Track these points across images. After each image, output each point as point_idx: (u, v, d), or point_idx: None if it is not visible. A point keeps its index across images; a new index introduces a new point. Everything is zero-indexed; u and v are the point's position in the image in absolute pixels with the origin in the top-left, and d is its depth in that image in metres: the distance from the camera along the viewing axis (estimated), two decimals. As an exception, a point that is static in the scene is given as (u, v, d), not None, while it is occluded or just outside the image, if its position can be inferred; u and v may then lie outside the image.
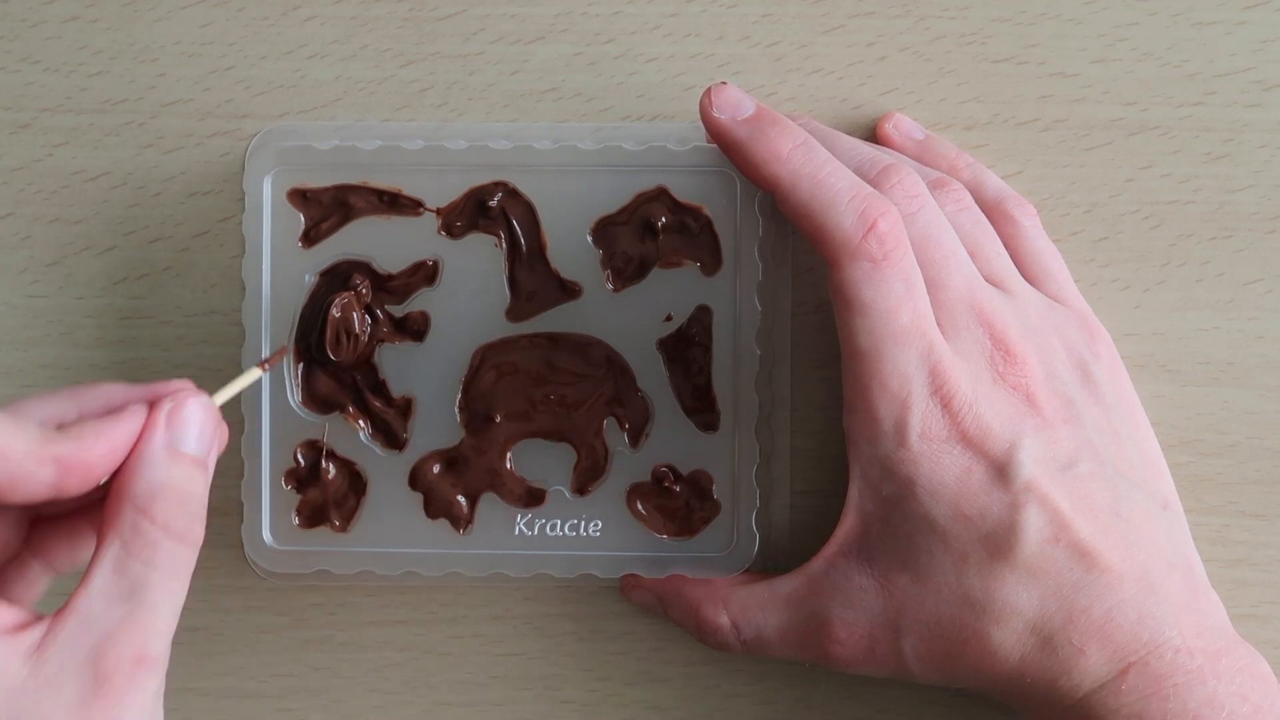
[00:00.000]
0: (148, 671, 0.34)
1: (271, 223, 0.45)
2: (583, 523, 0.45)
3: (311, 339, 0.45)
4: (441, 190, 0.45)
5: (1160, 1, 0.47)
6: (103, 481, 0.35)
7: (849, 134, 0.45)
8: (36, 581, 0.38)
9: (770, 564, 0.47)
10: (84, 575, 0.34)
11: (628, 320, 0.45)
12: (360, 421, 0.45)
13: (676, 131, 0.46)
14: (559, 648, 0.47)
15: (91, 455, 0.34)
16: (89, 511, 0.38)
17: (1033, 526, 0.39)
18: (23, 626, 0.33)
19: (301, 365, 0.45)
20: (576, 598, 0.47)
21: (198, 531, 0.35)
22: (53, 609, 0.34)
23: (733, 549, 0.45)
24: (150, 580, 0.34)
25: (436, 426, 0.45)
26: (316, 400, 0.45)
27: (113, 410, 0.35)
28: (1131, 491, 0.41)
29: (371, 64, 0.47)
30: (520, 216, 0.45)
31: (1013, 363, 0.41)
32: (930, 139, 0.46)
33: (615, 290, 0.46)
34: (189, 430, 0.36)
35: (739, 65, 0.47)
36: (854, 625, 0.41)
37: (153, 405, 0.36)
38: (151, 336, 0.47)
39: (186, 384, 0.37)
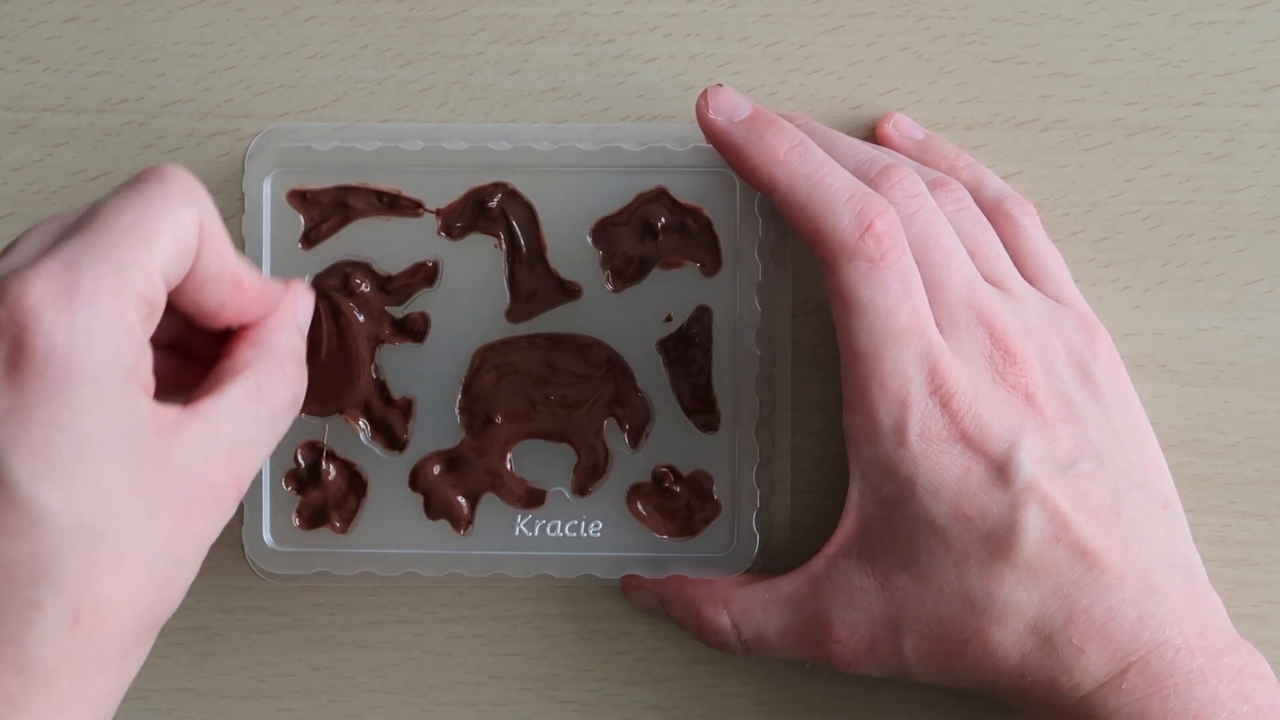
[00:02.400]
0: (236, 499, 0.36)
1: (271, 224, 0.45)
2: (583, 523, 0.45)
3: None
4: (441, 191, 0.45)
5: (1160, 1, 0.47)
6: (230, 327, 0.38)
7: (849, 134, 0.45)
8: None
9: (771, 564, 0.47)
10: (208, 392, 0.36)
11: (628, 321, 0.45)
12: (360, 422, 0.45)
13: (676, 132, 0.46)
14: (559, 648, 0.47)
15: (261, 293, 0.38)
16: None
17: (1033, 526, 0.39)
18: (159, 405, 0.35)
19: None
20: (576, 598, 0.47)
21: (301, 399, 0.39)
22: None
23: (733, 549, 0.45)
24: (264, 424, 0.37)
25: (437, 427, 0.45)
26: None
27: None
28: (1132, 491, 0.41)
29: (371, 64, 0.47)
30: (520, 217, 0.45)
31: (1012, 362, 0.41)
32: (930, 139, 0.46)
33: (615, 291, 0.46)
34: (309, 314, 0.41)
35: (739, 65, 0.47)
36: (854, 625, 0.41)
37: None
38: (151, 337, 0.47)
39: (305, 282, 0.41)
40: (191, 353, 0.39)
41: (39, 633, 0.32)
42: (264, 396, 0.37)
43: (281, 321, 0.39)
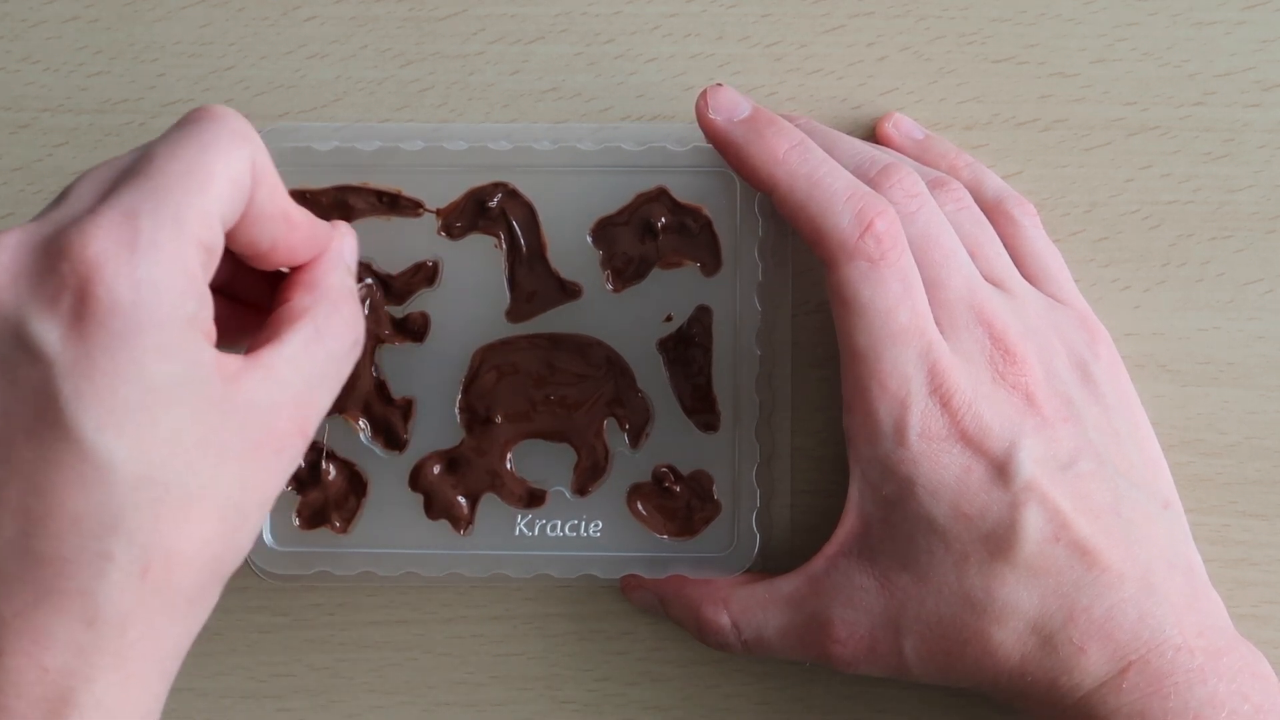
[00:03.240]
0: (302, 446, 0.36)
1: (272, 223, 0.45)
2: (583, 523, 0.45)
3: None
4: (441, 191, 0.45)
5: (1160, 1, 0.47)
6: (281, 269, 0.38)
7: (849, 134, 0.45)
8: None
9: (771, 564, 0.47)
10: (269, 340, 0.36)
11: (628, 321, 0.45)
12: (360, 422, 0.45)
13: (676, 132, 0.46)
14: (559, 648, 0.47)
15: (311, 232, 0.38)
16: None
17: (1033, 526, 0.39)
18: (221, 354, 0.34)
19: None
20: (576, 598, 0.47)
21: (362, 340, 0.39)
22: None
23: (733, 549, 0.45)
24: (327, 369, 0.37)
25: (437, 427, 0.45)
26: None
27: None
28: (1132, 491, 0.41)
29: (371, 64, 0.47)
30: (520, 217, 0.45)
31: (1012, 362, 0.41)
32: (930, 139, 0.46)
33: (615, 291, 0.46)
34: (355, 253, 0.40)
35: (739, 65, 0.47)
36: (855, 625, 0.41)
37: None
38: (151, 337, 0.47)
39: (346, 224, 0.40)
40: (241, 296, 0.39)
41: (109, 584, 0.32)
42: (324, 340, 0.37)
43: (332, 262, 0.39)
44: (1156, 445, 0.44)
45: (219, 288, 0.38)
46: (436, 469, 0.45)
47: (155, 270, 0.32)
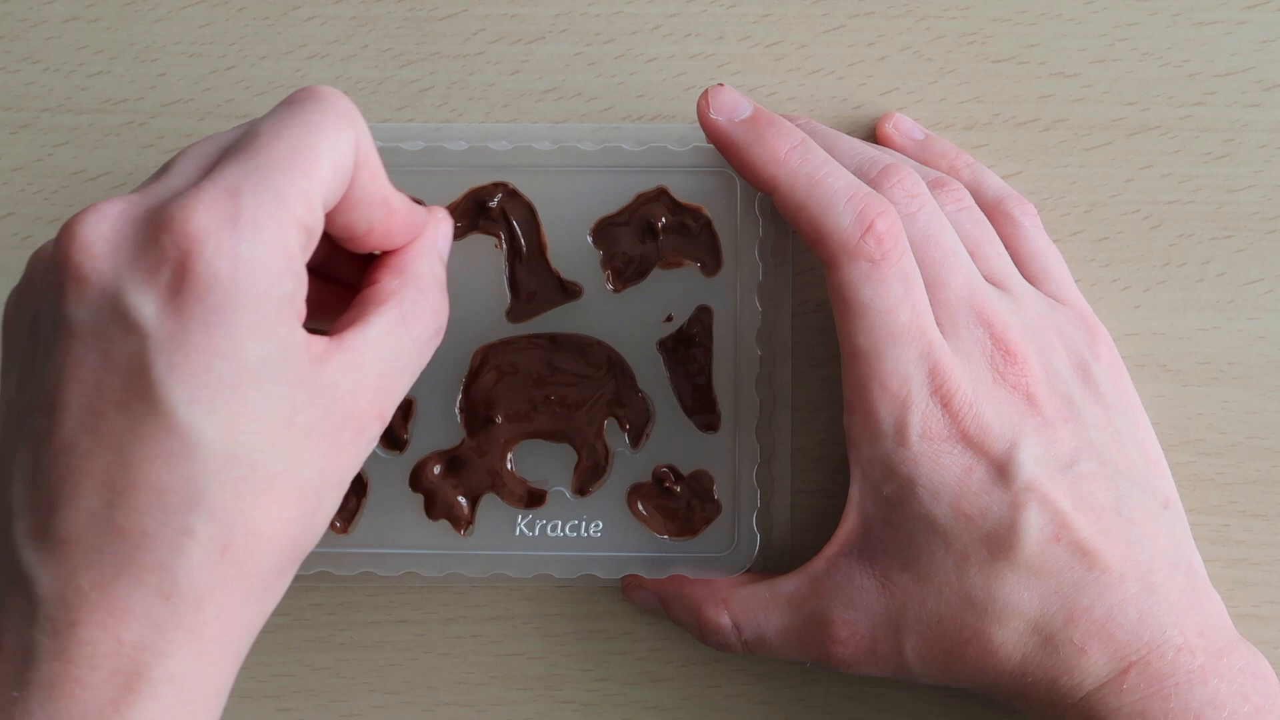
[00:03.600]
0: (379, 430, 0.36)
1: (272, 223, 0.45)
2: (584, 523, 0.45)
3: None
4: (441, 191, 0.45)
5: (1160, 1, 0.47)
6: (375, 252, 0.38)
7: (849, 134, 0.45)
8: None
9: (771, 564, 0.47)
10: (355, 322, 0.36)
11: (628, 321, 0.45)
12: (361, 422, 0.45)
13: (676, 132, 0.46)
14: (559, 648, 0.47)
15: (409, 219, 0.38)
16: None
17: (1033, 526, 0.39)
18: (310, 335, 0.34)
19: None
20: (577, 598, 0.47)
21: (444, 328, 0.38)
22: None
23: (734, 549, 0.45)
24: (409, 354, 0.37)
25: (437, 427, 0.45)
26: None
27: None
28: (1133, 491, 0.41)
29: (371, 64, 0.47)
30: (520, 217, 0.45)
31: (1013, 362, 0.41)
32: (930, 139, 0.46)
33: (615, 291, 0.46)
34: (449, 241, 0.40)
35: (739, 65, 0.47)
36: (855, 625, 0.41)
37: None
38: (151, 337, 0.47)
39: (444, 209, 0.40)
40: (329, 275, 0.39)
41: (188, 560, 0.32)
42: (409, 326, 0.37)
43: (425, 249, 0.38)
44: (1157, 445, 0.44)
45: (311, 267, 0.38)
46: (437, 469, 0.45)
47: (256, 248, 0.32)
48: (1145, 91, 0.47)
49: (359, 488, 0.46)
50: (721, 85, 0.42)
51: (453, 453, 0.45)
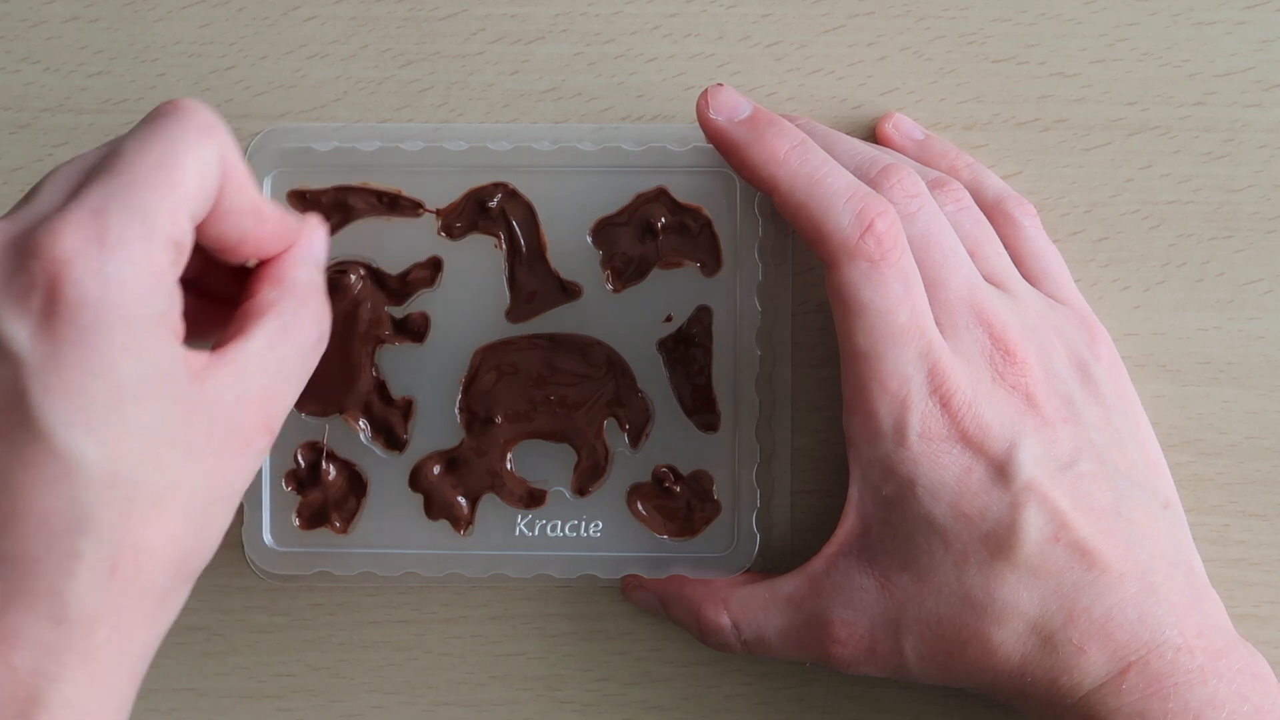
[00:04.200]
0: (268, 442, 0.36)
1: (272, 224, 0.45)
2: (583, 523, 0.45)
3: None
4: (441, 191, 0.45)
5: (1160, 1, 0.47)
6: (248, 263, 0.38)
7: (849, 134, 0.45)
8: None
9: (771, 564, 0.47)
10: (235, 335, 0.36)
11: (628, 321, 0.45)
12: (360, 422, 0.45)
13: (676, 132, 0.46)
14: (559, 648, 0.47)
15: (281, 226, 0.38)
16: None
17: (1033, 526, 0.39)
18: (188, 351, 0.34)
19: None
20: (576, 598, 0.47)
21: (327, 335, 0.39)
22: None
23: (733, 549, 0.45)
24: (293, 364, 0.37)
25: (437, 427, 0.45)
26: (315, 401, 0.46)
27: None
28: (1132, 491, 0.41)
29: (371, 64, 0.47)
30: (520, 217, 0.45)
31: (1012, 362, 0.41)
32: (930, 139, 0.46)
33: (615, 291, 0.46)
34: (324, 249, 0.40)
35: (739, 65, 0.47)
36: (855, 625, 0.41)
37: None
38: (151, 337, 0.47)
39: (318, 215, 0.40)
40: (207, 290, 0.39)
41: (78, 583, 0.32)
42: (290, 335, 0.37)
43: (300, 256, 0.38)
44: (1157, 445, 0.44)
45: (187, 282, 0.38)
46: (436, 469, 0.45)
47: (124, 267, 0.32)
48: (1145, 91, 0.47)
49: (359, 488, 0.46)
50: (721, 85, 0.42)
51: (452, 453, 0.45)
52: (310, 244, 0.39)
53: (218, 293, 0.39)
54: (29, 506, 0.32)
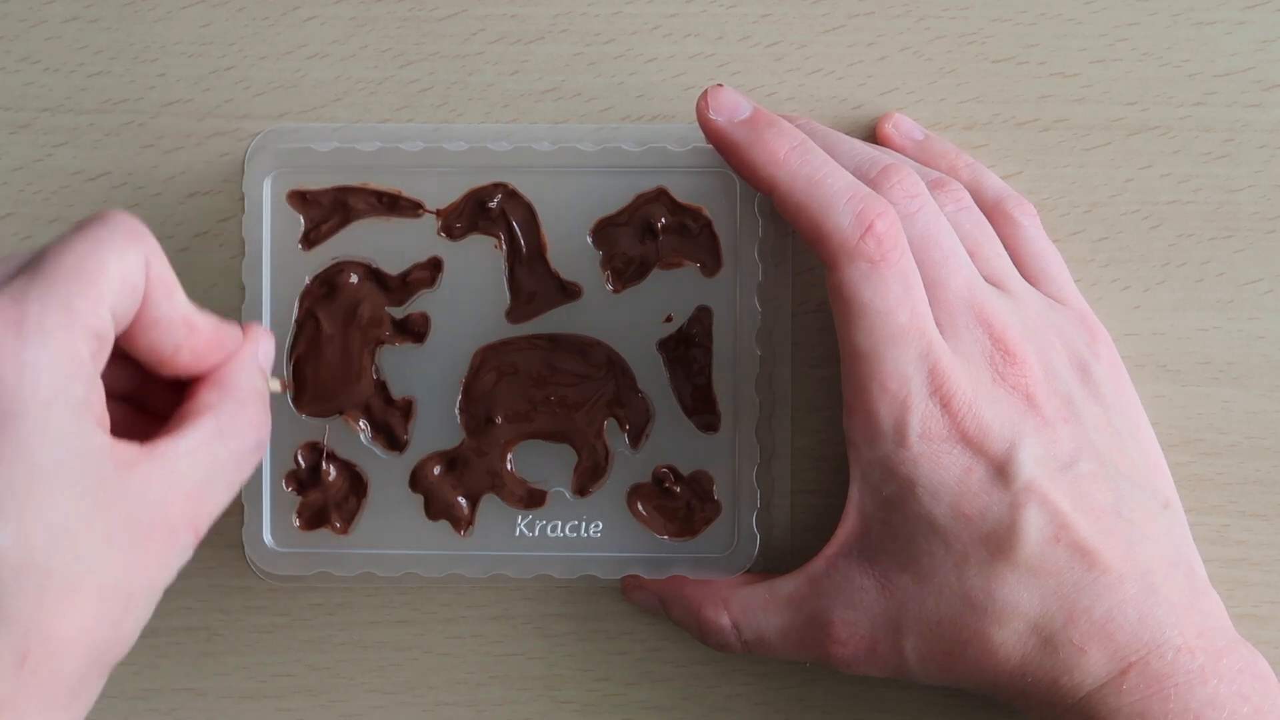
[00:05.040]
0: (192, 542, 0.36)
1: (271, 225, 0.45)
2: (583, 524, 0.45)
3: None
4: (441, 192, 0.45)
5: (1160, 1, 0.47)
6: (183, 376, 0.38)
7: (849, 134, 0.45)
8: None
9: (771, 564, 0.47)
10: (169, 432, 0.36)
11: (628, 321, 0.45)
12: (361, 423, 0.45)
13: (676, 132, 0.46)
14: (559, 648, 0.47)
15: (217, 338, 0.37)
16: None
17: (1033, 526, 0.39)
18: (115, 441, 0.34)
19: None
20: (576, 598, 0.47)
21: (265, 442, 0.38)
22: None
23: (733, 550, 0.45)
24: (226, 467, 0.37)
25: (437, 428, 0.45)
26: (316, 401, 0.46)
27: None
28: (1132, 491, 0.41)
29: (371, 64, 0.47)
30: (520, 218, 0.45)
31: (1012, 362, 0.41)
32: (930, 139, 0.46)
33: (615, 291, 0.46)
34: (270, 356, 0.40)
35: (739, 65, 0.47)
36: (855, 625, 0.41)
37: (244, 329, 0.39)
38: (151, 337, 0.47)
39: (263, 325, 0.41)
40: (150, 407, 0.39)
41: None
42: (226, 438, 0.37)
43: (243, 363, 0.38)
44: (1157, 445, 0.44)
45: (130, 395, 0.38)
46: (436, 469, 0.45)
47: (40, 353, 0.32)
48: (1145, 91, 0.47)
49: (359, 488, 0.46)
50: (721, 85, 0.42)
51: (452, 453, 0.45)
52: (254, 351, 0.39)
53: (159, 408, 0.39)
54: None
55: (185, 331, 0.36)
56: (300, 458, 0.46)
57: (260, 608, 0.47)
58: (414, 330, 0.45)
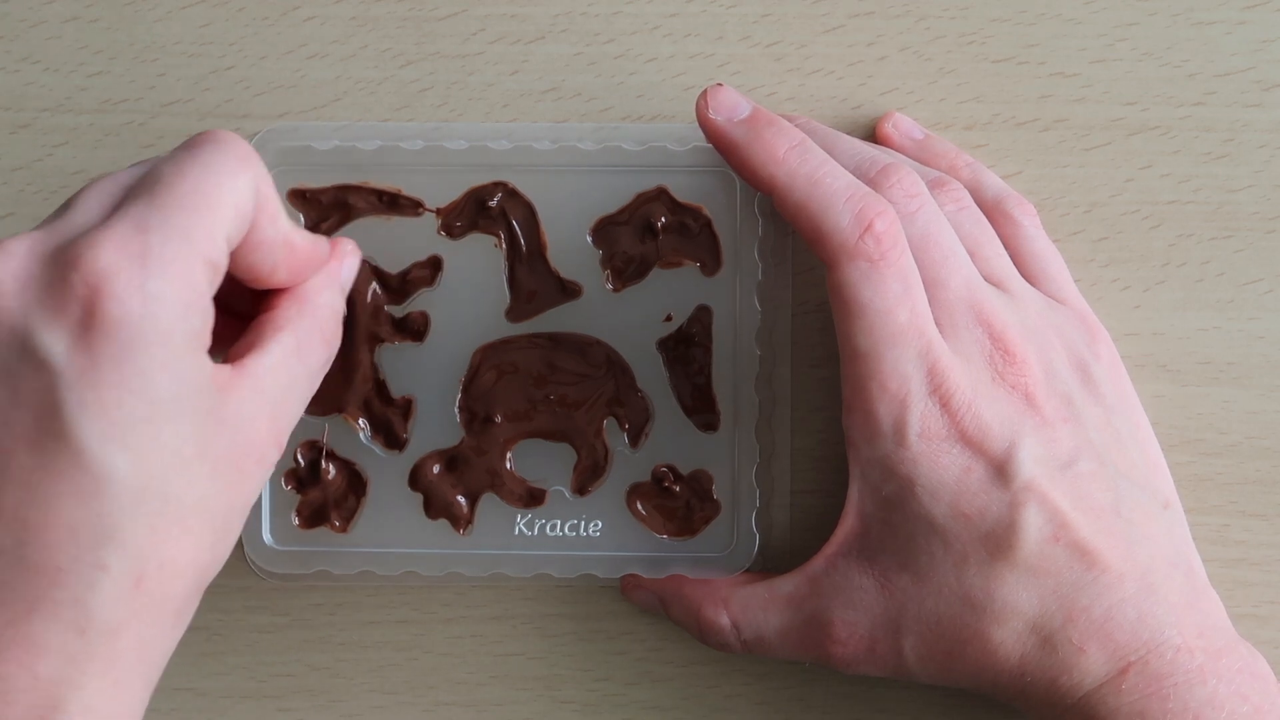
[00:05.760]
0: (277, 456, 0.37)
1: (271, 223, 0.45)
2: (583, 523, 0.45)
3: None
4: (441, 190, 0.45)
5: (1160, 1, 0.47)
6: (273, 286, 0.38)
7: (849, 134, 0.45)
8: None
9: (770, 564, 0.47)
10: (252, 348, 0.36)
11: (628, 320, 0.45)
12: (360, 422, 0.45)
13: (676, 131, 0.46)
14: (559, 648, 0.47)
15: (312, 255, 0.38)
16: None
17: (1032, 526, 0.39)
18: (215, 365, 0.35)
19: None
20: (576, 598, 0.47)
21: (332, 359, 0.39)
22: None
23: (733, 549, 0.45)
24: (302, 382, 0.38)
25: (436, 427, 0.45)
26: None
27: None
28: (1132, 491, 0.41)
29: (371, 64, 0.47)
30: (520, 217, 0.45)
31: (1012, 362, 0.41)
32: (930, 139, 0.46)
33: (615, 290, 0.46)
34: (353, 274, 0.41)
35: (739, 65, 0.47)
36: (854, 625, 0.41)
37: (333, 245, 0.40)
38: (151, 336, 0.47)
39: (352, 241, 0.41)
40: (231, 308, 0.39)
41: (102, 594, 0.33)
42: (302, 354, 0.37)
43: (326, 280, 0.39)
44: (1156, 445, 0.44)
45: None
46: (436, 468, 0.45)
47: (164, 285, 0.33)
48: (1145, 91, 0.47)
49: (359, 487, 0.46)
50: (720, 85, 0.42)
51: (452, 452, 0.45)
52: (339, 269, 0.40)
53: (236, 307, 0.39)
54: (57, 517, 0.32)
55: (286, 253, 0.37)
56: (299, 456, 0.46)
57: (260, 607, 0.47)
58: (413, 329, 0.45)
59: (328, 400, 0.45)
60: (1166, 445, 0.45)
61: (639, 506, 0.45)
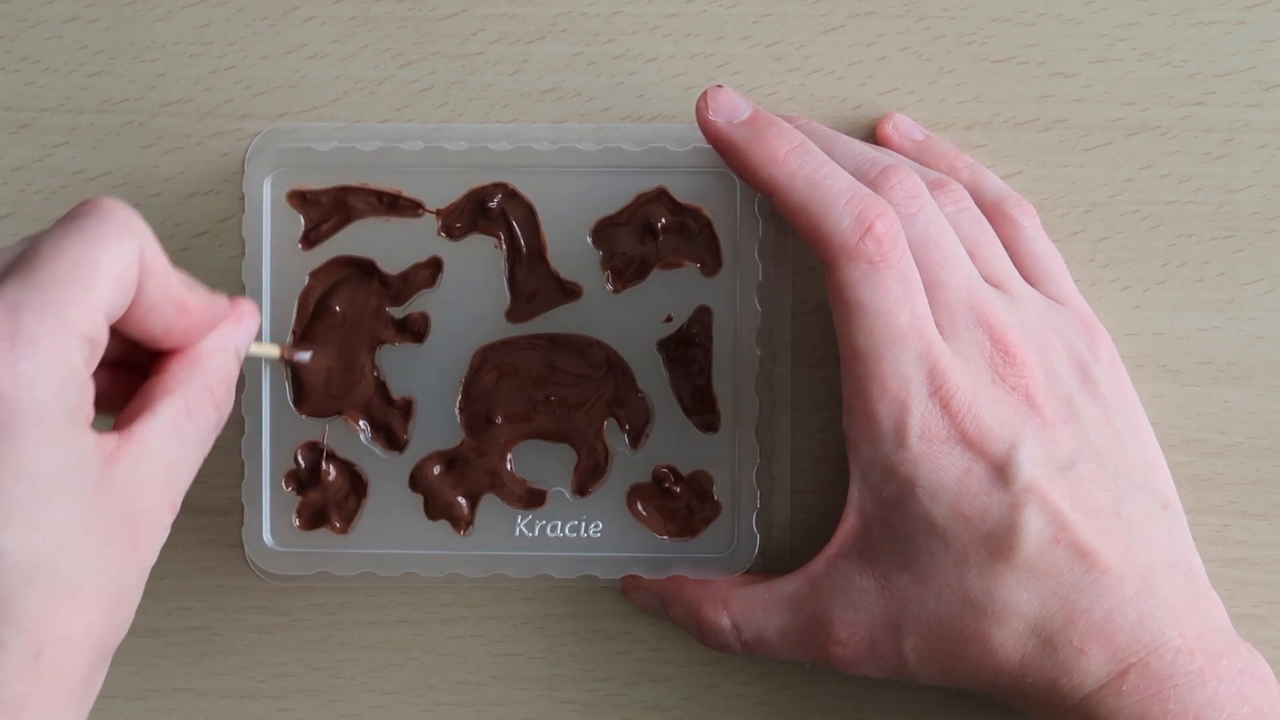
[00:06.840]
0: (171, 519, 0.36)
1: (271, 224, 0.45)
2: (583, 524, 0.45)
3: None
4: (441, 191, 0.45)
5: (1160, 1, 0.47)
6: (167, 349, 0.38)
7: (849, 134, 0.45)
8: None
9: (771, 564, 0.47)
10: (140, 412, 0.36)
11: (628, 321, 0.45)
12: (360, 423, 0.45)
13: (676, 132, 0.46)
14: (559, 648, 0.47)
15: (205, 317, 0.38)
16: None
17: (1033, 527, 0.39)
18: (99, 435, 0.35)
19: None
20: (576, 598, 0.47)
21: (223, 423, 0.39)
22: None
23: (733, 550, 0.45)
24: (192, 445, 0.37)
25: (437, 428, 0.45)
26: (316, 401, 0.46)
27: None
28: (1132, 492, 0.41)
29: (371, 64, 0.47)
30: (520, 217, 0.45)
31: (1012, 363, 0.41)
32: (930, 139, 0.46)
33: (615, 291, 0.46)
34: (250, 337, 0.40)
35: (739, 65, 0.47)
36: (855, 626, 0.41)
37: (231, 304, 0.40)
38: (151, 337, 0.47)
39: (252, 302, 0.41)
40: (134, 363, 0.39)
41: (3, 671, 0.32)
42: (192, 418, 0.37)
43: (219, 342, 0.38)
44: (1157, 446, 0.44)
45: (108, 361, 0.38)
46: (436, 469, 0.45)
47: (36, 365, 0.32)
48: (1145, 91, 0.47)
49: (359, 488, 0.46)
50: (720, 86, 0.42)
51: (452, 453, 0.45)
52: (234, 332, 0.39)
53: (138, 361, 0.39)
54: None
55: (176, 314, 0.37)
56: (300, 457, 0.46)
57: (260, 607, 0.47)
58: (414, 330, 0.45)
59: (328, 401, 0.45)
60: (1166, 445, 0.45)
61: (639, 507, 0.45)
